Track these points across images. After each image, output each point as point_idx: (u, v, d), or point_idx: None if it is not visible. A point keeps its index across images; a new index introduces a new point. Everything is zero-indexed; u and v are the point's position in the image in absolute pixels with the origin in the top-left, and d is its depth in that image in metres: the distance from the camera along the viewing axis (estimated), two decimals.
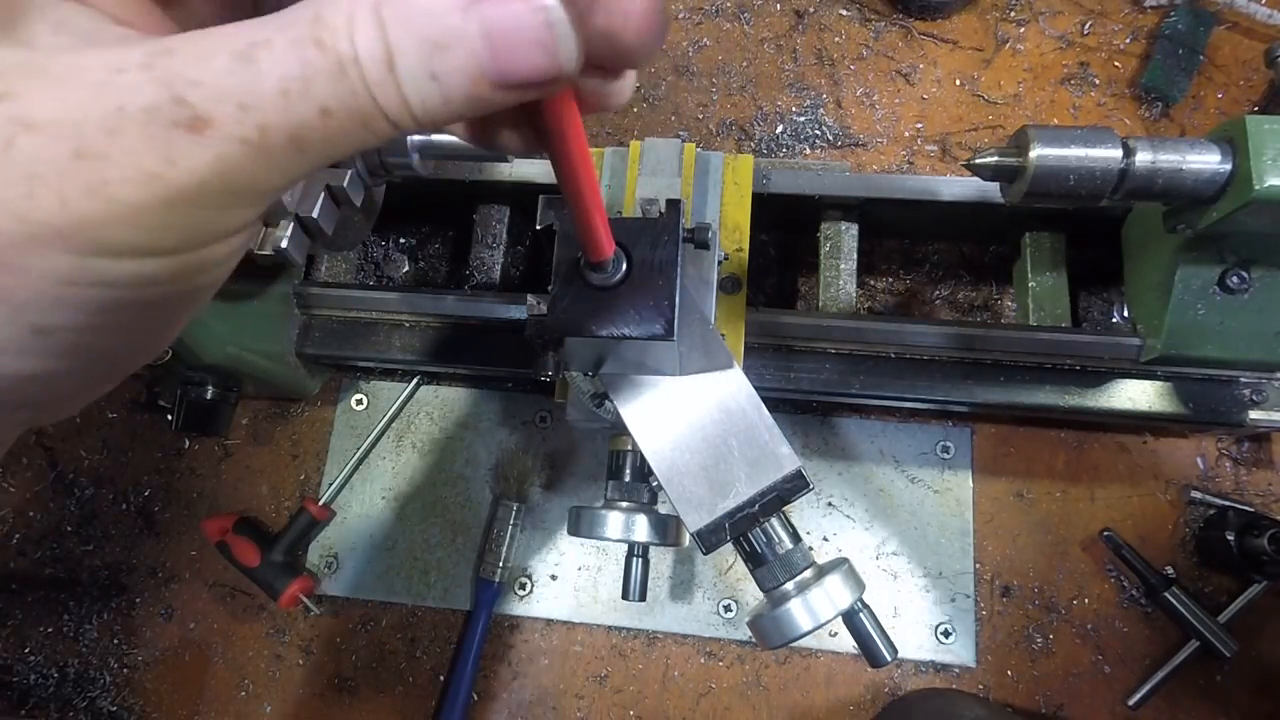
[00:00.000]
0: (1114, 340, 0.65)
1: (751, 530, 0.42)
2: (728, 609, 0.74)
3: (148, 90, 0.18)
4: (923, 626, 0.72)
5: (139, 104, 0.18)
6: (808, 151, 0.85)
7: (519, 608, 0.76)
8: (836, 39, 0.87)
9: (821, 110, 0.85)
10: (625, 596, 0.58)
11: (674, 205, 0.38)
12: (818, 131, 0.85)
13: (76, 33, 0.20)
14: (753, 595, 0.74)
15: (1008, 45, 0.85)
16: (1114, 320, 0.76)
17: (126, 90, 0.18)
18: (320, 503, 0.78)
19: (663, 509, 0.56)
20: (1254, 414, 0.65)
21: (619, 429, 0.52)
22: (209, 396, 0.71)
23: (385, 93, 0.19)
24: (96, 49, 0.19)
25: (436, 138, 0.61)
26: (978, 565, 0.73)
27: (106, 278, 0.19)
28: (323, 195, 0.62)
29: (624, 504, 0.56)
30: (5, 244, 0.17)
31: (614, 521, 0.54)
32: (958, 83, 0.85)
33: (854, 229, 0.74)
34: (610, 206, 0.65)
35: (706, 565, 0.75)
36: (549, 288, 0.37)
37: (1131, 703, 0.68)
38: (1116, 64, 0.83)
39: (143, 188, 0.18)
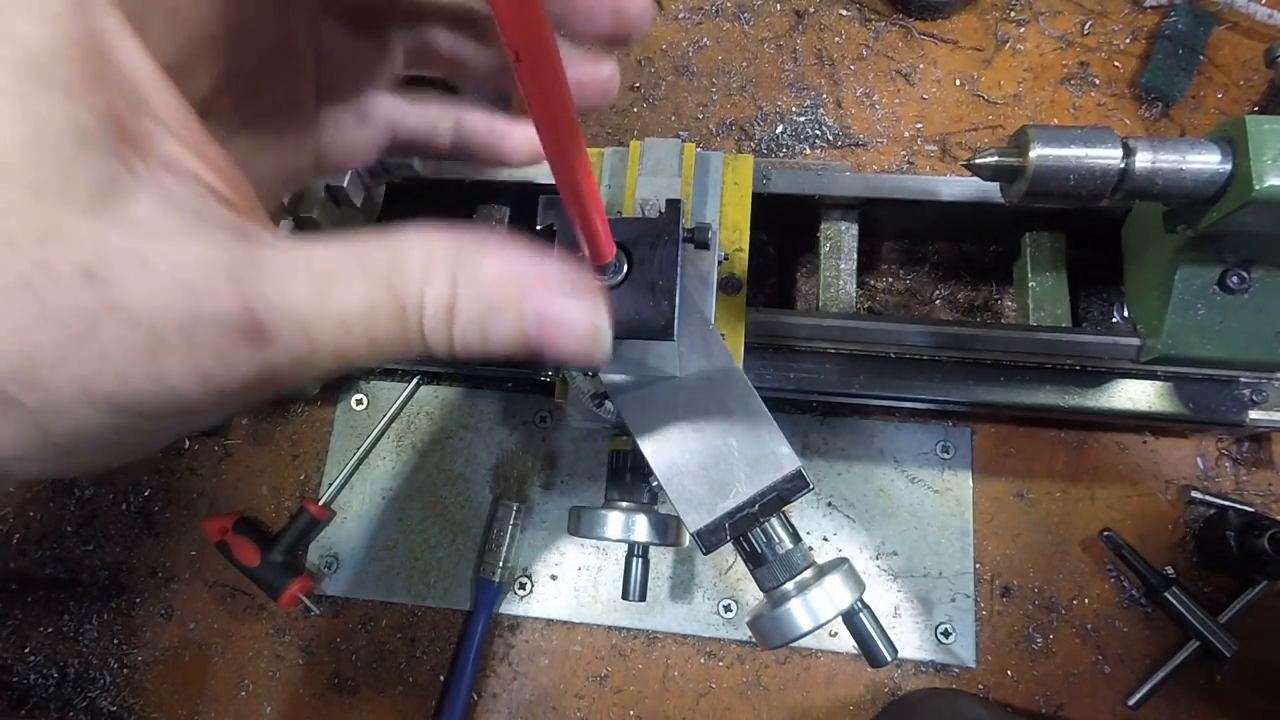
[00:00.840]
0: (1114, 340, 0.65)
1: (751, 530, 0.42)
2: (728, 609, 0.74)
3: (227, 302, 0.19)
4: (923, 626, 0.72)
5: (216, 313, 0.19)
6: (808, 151, 0.85)
7: (519, 608, 0.76)
8: (836, 39, 0.87)
9: (821, 110, 0.85)
10: (625, 596, 0.58)
11: (674, 205, 0.38)
12: (818, 131, 0.85)
13: (179, 208, 0.20)
14: (753, 595, 0.74)
15: (1008, 45, 0.85)
16: (1114, 320, 0.76)
17: (209, 297, 0.19)
18: (320, 503, 0.78)
19: (663, 509, 0.56)
20: (1254, 414, 0.65)
21: (619, 429, 0.52)
22: None
23: (435, 333, 0.22)
24: (193, 242, 0.20)
25: None
26: (978, 565, 0.73)
27: (139, 429, 0.21)
28: (323, 196, 0.62)
29: (624, 504, 0.56)
30: (59, 401, 0.19)
31: (614, 521, 0.54)
32: (958, 83, 0.85)
33: (854, 229, 0.74)
34: (610, 206, 0.64)
35: (706, 565, 0.75)
36: None
37: (1131, 703, 0.68)
38: (1116, 64, 0.83)
39: (196, 383, 0.20)
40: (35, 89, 0.18)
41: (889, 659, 0.43)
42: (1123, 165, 0.50)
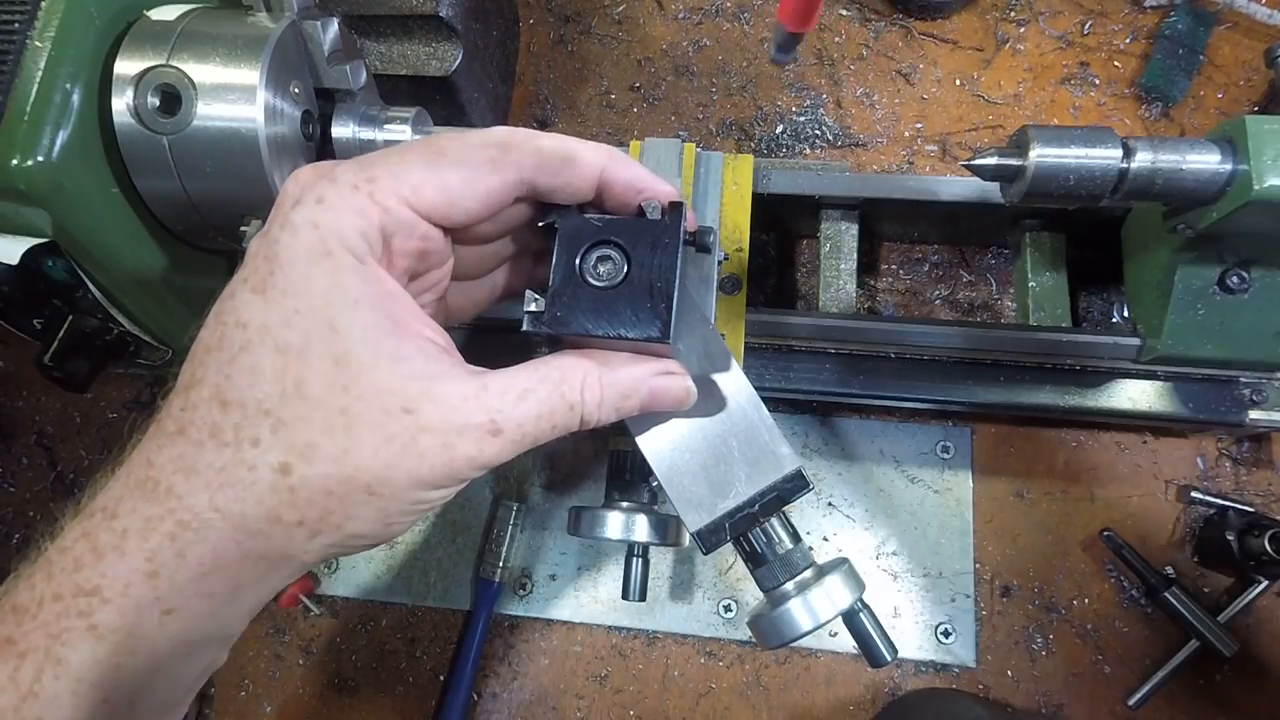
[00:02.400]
0: (1114, 340, 0.65)
1: (751, 530, 0.42)
2: (728, 609, 0.74)
3: (478, 415, 0.32)
4: (923, 626, 0.72)
5: (475, 422, 0.32)
6: (808, 151, 0.85)
7: (519, 608, 0.76)
8: (836, 39, 0.87)
9: (821, 110, 0.85)
10: (625, 596, 0.58)
11: (676, 208, 0.37)
12: (818, 131, 0.84)
13: (433, 361, 0.33)
14: (753, 595, 0.74)
15: (1008, 45, 0.85)
16: (1114, 320, 0.76)
17: (469, 413, 0.32)
18: None
19: (663, 509, 0.56)
20: (1254, 414, 0.65)
21: (619, 429, 0.52)
22: None
23: (589, 417, 0.36)
24: (451, 381, 0.33)
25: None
26: (978, 565, 0.73)
27: (424, 502, 0.33)
28: None
29: (624, 504, 0.56)
30: (396, 489, 0.32)
31: (614, 521, 0.54)
32: (958, 83, 0.85)
33: (854, 229, 0.74)
34: None
35: (706, 565, 0.75)
36: (548, 285, 0.37)
37: (1131, 703, 0.68)
38: (1116, 64, 0.83)
39: (465, 464, 0.32)
40: (357, 313, 0.31)
41: (889, 659, 0.43)
42: (1123, 165, 0.50)
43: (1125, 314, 0.75)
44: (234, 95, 0.50)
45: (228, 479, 0.31)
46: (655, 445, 0.42)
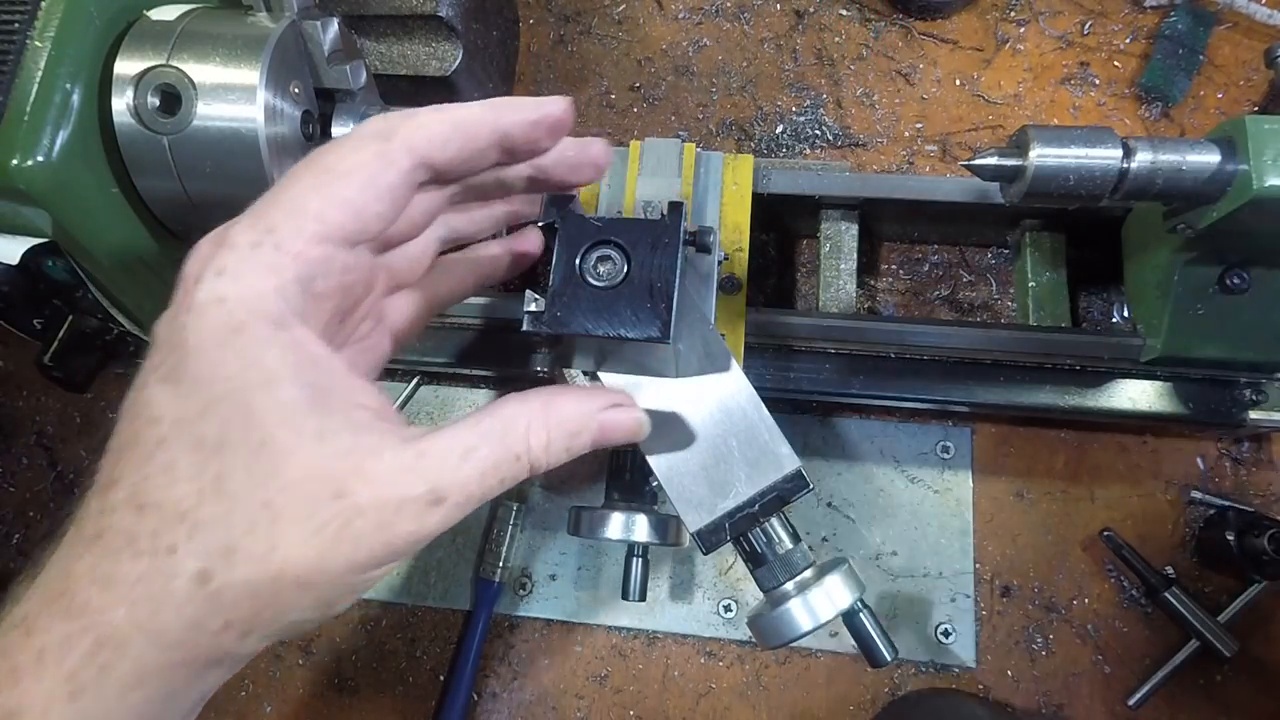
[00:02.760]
0: (1114, 340, 0.65)
1: (751, 530, 0.42)
2: (728, 609, 0.74)
3: (418, 487, 0.30)
4: (923, 626, 0.72)
5: (413, 495, 0.30)
6: (808, 151, 0.85)
7: (519, 608, 0.76)
8: (836, 39, 0.87)
9: (821, 110, 0.85)
10: (625, 596, 0.58)
11: (676, 208, 0.37)
12: (818, 131, 0.84)
13: (360, 431, 0.31)
14: (753, 595, 0.74)
15: (1008, 45, 0.85)
16: (1114, 320, 0.76)
17: (406, 487, 0.30)
18: None
19: (663, 509, 0.57)
20: (1254, 414, 0.65)
21: None
22: None
23: (538, 462, 0.33)
24: (385, 454, 0.30)
25: None
26: (978, 565, 0.73)
27: (366, 581, 0.31)
28: None
29: (624, 504, 0.56)
30: (333, 575, 0.30)
31: (614, 521, 0.55)
32: (958, 83, 0.85)
33: (854, 229, 0.74)
34: (610, 206, 0.65)
35: (706, 565, 0.75)
36: (548, 285, 0.37)
37: (1131, 703, 0.68)
38: (1116, 64, 0.83)
39: (405, 540, 0.30)
40: (276, 392, 0.29)
41: (889, 659, 0.43)
42: (1123, 165, 0.50)
43: (1125, 314, 0.75)
44: (234, 95, 0.50)
45: (145, 591, 0.28)
46: (655, 445, 0.42)
